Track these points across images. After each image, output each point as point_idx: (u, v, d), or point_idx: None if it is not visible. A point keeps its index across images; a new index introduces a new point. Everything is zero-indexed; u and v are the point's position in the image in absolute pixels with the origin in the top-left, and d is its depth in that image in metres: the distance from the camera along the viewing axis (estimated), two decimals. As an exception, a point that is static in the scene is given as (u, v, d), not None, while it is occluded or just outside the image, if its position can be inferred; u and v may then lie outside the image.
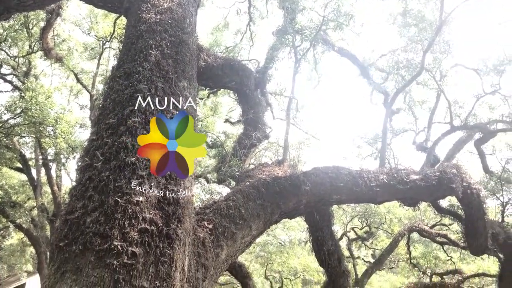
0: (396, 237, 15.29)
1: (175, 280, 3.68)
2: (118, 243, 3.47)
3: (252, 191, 6.03)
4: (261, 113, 8.96)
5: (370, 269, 14.77)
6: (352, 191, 6.78)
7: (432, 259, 18.37)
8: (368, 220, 17.74)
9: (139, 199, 3.71)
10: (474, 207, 8.06)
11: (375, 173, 7.04)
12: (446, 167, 7.51)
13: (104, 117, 4.43)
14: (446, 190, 7.33)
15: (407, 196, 7.39)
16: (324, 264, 9.05)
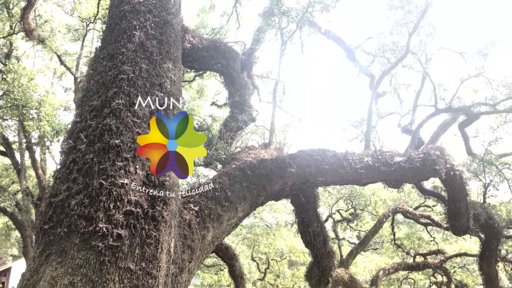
0: (381, 218, 15.50)
1: (161, 262, 3.70)
2: (103, 225, 3.47)
3: (238, 174, 6.04)
4: (247, 96, 8.93)
5: (355, 250, 14.98)
6: (337, 173, 6.84)
7: (415, 240, 18.71)
8: (353, 202, 17.94)
9: (124, 182, 3.70)
10: (457, 188, 8.19)
11: (360, 155, 7.09)
12: (430, 149, 7.60)
13: (88, 99, 4.38)
14: (429, 172, 7.44)
15: (391, 177, 7.48)
16: (309, 245, 9.17)
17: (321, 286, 10.25)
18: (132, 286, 3.39)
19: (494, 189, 11.46)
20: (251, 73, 9.97)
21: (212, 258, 19.87)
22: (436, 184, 10.85)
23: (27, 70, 13.42)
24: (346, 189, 17.19)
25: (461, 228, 9.01)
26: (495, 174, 11.57)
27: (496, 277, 11.85)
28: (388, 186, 8.24)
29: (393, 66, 9.93)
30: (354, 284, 13.06)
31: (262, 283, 20.52)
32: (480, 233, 11.36)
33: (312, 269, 9.93)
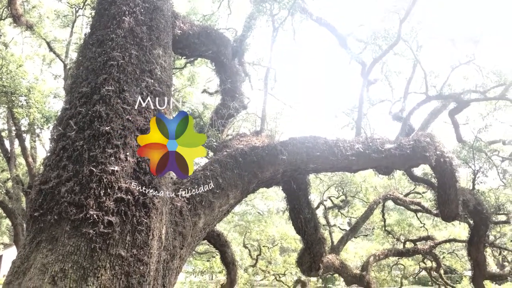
0: (371, 205, 15.61)
1: (153, 248, 3.71)
2: (94, 212, 3.46)
3: (230, 161, 6.05)
4: (238, 83, 8.89)
5: (345, 236, 15.09)
6: (328, 160, 6.86)
7: (405, 226, 18.91)
8: (344, 189, 18.05)
9: (115, 169, 3.69)
10: (446, 175, 8.26)
11: (351, 142, 7.12)
12: (421, 136, 7.65)
13: (77, 85, 4.33)
14: (420, 159, 7.49)
15: (382, 164, 7.52)
16: (301, 231, 9.24)
17: (312, 272, 10.36)
18: (123, 272, 3.40)
19: (483, 176, 11.59)
20: (242, 60, 9.92)
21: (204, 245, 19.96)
22: (426, 171, 10.94)
23: (16, 57, 13.25)
24: (337, 176, 17.28)
25: (451, 214, 9.11)
26: (484, 161, 11.69)
27: (484, 262, 12.03)
28: (378, 173, 8.28)
29: (384, 53, 9.93)
30: (344, 270, 13.19)
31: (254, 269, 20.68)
32: (469, 219, 11.49)
33: (304, 255, 10.02)
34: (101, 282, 3.25)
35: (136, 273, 3.47)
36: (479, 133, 11.77)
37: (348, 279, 14.00)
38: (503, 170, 12.90)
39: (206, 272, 19.61)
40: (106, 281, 3.27)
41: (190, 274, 19.64)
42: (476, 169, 11.22)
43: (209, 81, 15.57)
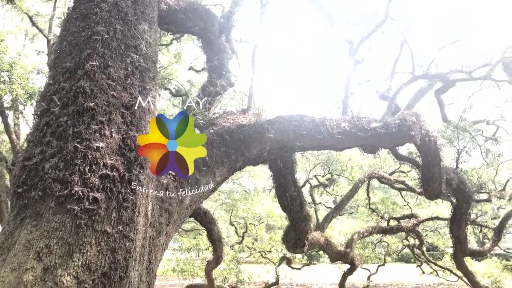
0: (356, 183, 15.78)
1: (138, 225, 3.71)
2: (79, 188, 3.44)
3: (216, 139, 6.05)
4: (226, 60, 8.81)
5: (330, 214, 15.27)
6: (314, 138, 6.89)
7: (390, 205, 19.19)
8: (330, 167, 18.18)
9: (99, 145, 3.66)
10: (431, 154, 8.37)
11: (337, 121, 7.15)
12: (406, 115, 7.70)
13: (61, 60, 4.25)
14: (405, 137, 7.56)
15: (368, 143, 7.59)
16: (286, 209, 9.32)
17: (297, 249, 10.50)
18: (109, 248, 3.40)
19: (467, 155, 11.76)
20: (229, 37, 9.79)
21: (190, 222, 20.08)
22: (411, 150, 11.06)
23: (-3, 31, 12.92)
24: (324, 155, 17.39)
25: (434, 193, 9.25)
26: (468, 141, 11.84)
27: (465, 239, 12.31)
28: (364, 151, 8.35)
29: (372, 31, 9.90)
30: (329, 247, 13.40)
31: (240, 246, 20.87)
32: (452, 197, 11.69)
33: (289, 233, 10.14)
34: (86, 258, 3.25)
35: (122, 249, 3.48)
36: (463, 113, 11.90)
37: (333, 256, 14.23)
38: (486, 150, 13.11)
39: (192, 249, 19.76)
40: (92, 257, 3.28)
41: (176, 251, 19.77)
42: (460, 148, 11.36)
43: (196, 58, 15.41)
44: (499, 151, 13.47)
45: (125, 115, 3.97)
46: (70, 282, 3.12)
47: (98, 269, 3.29)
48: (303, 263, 23.49)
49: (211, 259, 14.74)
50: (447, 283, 20.86)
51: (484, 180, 13.52)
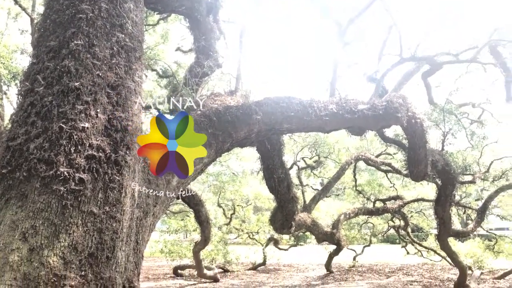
0: (343, 166, 15.90)
1: (125, 206, 3.70)
2: (65, 169, 3.41)
3: (204, 120, 6.03)
4: (213, 41, 8.71)
5: (317, 196, 15.42)
6: (302, 120, 6.90)
7: (376, 186, 19.40)
8: (317, 150, 18.25)
9: (85, 126, 3.62)
10: (417, 136, 8.44)
11: (325, 103, 7.16)
12: (393, 97, 7.74)
13: (44, 39, 4.16)
14: (392, 120, 7.61)
15: (355, 125, 7.62)
16: (274, 191, 9.39)
17: (284, 230, 10.62)
18: (96, 229, 3.40)
19: (453, 137, 11.89)
20: (217, 17, 9.67)
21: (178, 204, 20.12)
22: (398, 132, 11.14)
23: (-22, 9, 12.60)
24: (311, 137, 17.44)
25: (420, 174, 9.36)
26: (454, 123, 11.95)
27: (449, 220, 12.53)
28: (351, 133, 8.39)
29: (360, 12, 9.85)
30: (316, 228, 13.56)
31: (227, 227, 21.02)
32: (437, 179, 11.85)
33: (276, 214, 10.23)
34: (73, 238, 3.25)
35: (109, 230, 3.48)
36: (450, 96, 11.97)
37: (319, 237, 14.42)
38: (471, 132, 13.26)
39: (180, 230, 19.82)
40: (78, 238, 3.27)
41: (164, 232, 19.83)
42: (446, 130, 11.47)
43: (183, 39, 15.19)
44: (483, 133, 13.64)
45: (111, 95, 3.92)
46: (57, 263, 3.12)
47: (84, 249, 3.29)
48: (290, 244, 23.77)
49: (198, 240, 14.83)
50: (431, 263, 21.26)
51: (469, 162, 13.72)
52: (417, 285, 15.00)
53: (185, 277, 18.03)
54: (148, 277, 17.98)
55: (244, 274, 19.41)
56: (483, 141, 13.79)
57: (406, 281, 16.30)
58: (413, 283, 15.43)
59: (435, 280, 16.40)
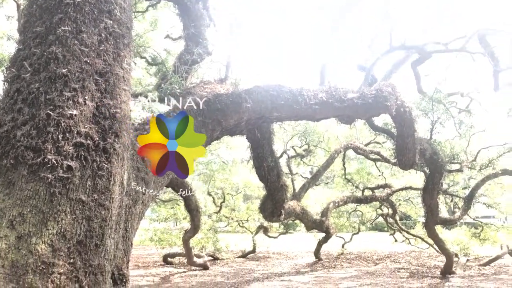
0: (333, 154, 15.99)
1: (114, 193, 3.69)
2: (52, 156, 3.38)
3: (193, 108, 6.00)
4: (203, 28, 8.65)
5: (307, 184, 15.51)
6: (292, 108, 6.91)
7: (365, 175, 19.56)
8: (307, 138, 18.31)
9: (73, 113, 3.58)
10: (406, 124, 8.51)
11: (314, 91, 7.17)
12: (383, 86, 7.77)
13: (31, 25, 4.09)
14: (381, 108, 7.65)
15: (344, 113, 7.65)
16: (264, 179, 9.43)
17: (274, 218, 10.69)
18: (84, 217, 3.38)
19: (441, 126, 12.00)
20: (207, 4, 9.60)
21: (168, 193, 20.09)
22: (387, 121, 11.21)
23: (-38, -6, 12.33)
24: (301, 126, 17.48)
25: (408, 163, 9.46)
26: (443, 112, 12.06)
27: (437, 208, 12.70)
28: (341, 122, 8.43)
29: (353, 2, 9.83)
30: (305, 216, 13.65)
31: (217, 216, 21.08)
32: (425, 167, 11.98)
33: (266, 202, 10.28)
34: (61, 226, 3.23)
35: (98, 218, 3.47)
36: (438, 85, 12.05)
37: (308, 225, 14.54)
38: (459, 121, 13.38)
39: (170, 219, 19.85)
40: (66, 225, 3.26)
41: (154, 221, 19.84)
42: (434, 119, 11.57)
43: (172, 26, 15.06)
44: (471, 122, 13.78)
45: (99, 82, 3.88)
46: (45, 250, 3.10)
47: (73, 237, 3.28)
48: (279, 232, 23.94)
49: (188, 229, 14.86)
50: (418, 251, 21.56)
51: (457, 151, 13.88)
52: (404, 272, 15.22)
53: (175, 265, 18.09)
54: (138, 265, 18.02)
55: (234, 261, 19.52)
56: (470, 130, 13.95)
57: (394, 268, 16.52)
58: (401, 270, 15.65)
59: (422, 267, 16.64)
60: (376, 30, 11.72)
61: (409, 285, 11.97)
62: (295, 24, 66.95)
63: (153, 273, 15.54)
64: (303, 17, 57.41)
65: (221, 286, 12.33)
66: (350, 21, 12.78)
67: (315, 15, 14.29)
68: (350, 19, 12.76)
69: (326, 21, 10.53)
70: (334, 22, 9.78)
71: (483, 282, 12.57)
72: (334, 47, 11.86)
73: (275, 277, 14.31)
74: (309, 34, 61.26)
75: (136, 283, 12.80)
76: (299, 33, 66.72)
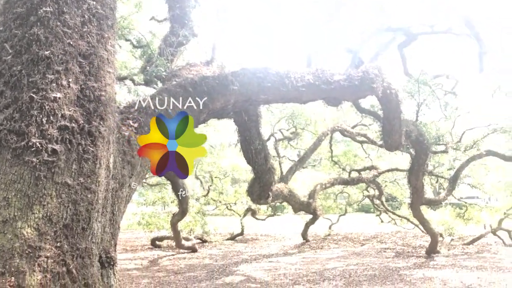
0: (320, 137, 16.06)
1: (100, 177, 3.67)
2: (37, 140, 3.34)
3: (179, 90, 5.95)
4: (188, 9, 8.54)
5: (294, 167, 15.59)
6: (279, 91, 6.90)
7: (351, 157, 19.72)
8: (294, 121, 18.34)
9: (57, 96, 3.52)
10: (392, 106, 8.56)
11: (301, 73, 7.15)
12: (369, 67, 7.78)
13: (11, 5, 3.99)
14: (367, 90, 7.67)
15: (331, 96, 7.66)
16: (251, 162, 9.45)
17: (261, 200, 10.74)
18: (70, 200, 3.36)
19: (427, 108, 12.10)
20: (192, -15, 9.46)
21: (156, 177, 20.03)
22: (373, 103, 11.26)
23: None
24: (288, 109, 17.49)
25: (394, 144, 9.54)
26: (428, 94, 12.15)
27: (422, 189, 12.88)
28: (328, 104, 8.44)
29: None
30: (293, 198, 13.75)
31: (205, 199, 21.13)
32: (411, 149, 12.11)
33: (254, 185, 10.31)
34: (47, 210, 3.21)
35: (84, 201, 3.45)
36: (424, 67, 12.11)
37: (296, 207, 14.65)
38: (445, 103, 13.50)
39: (158, 202, 19.85)
40: (52, 209, 3.24)
41: (141, 204, 19.82)
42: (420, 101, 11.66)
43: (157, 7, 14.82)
44: (457, 104, 13.91)
45: (82, 64, 3.82)
46: (31, 234, 3.09)
47: (59, 220, 3.26)
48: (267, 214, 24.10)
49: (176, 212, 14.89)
50: (404, 231, 21.92)
51: (442, 133, 14.04)
52: (390, 252, 15.48)
53: (163, 248, 18.16)
54: (126, 248, 18.05)
55: (222, 244, 19.66)
56: (456, 111, 14.09)
57: (380, 248, 16.79)
58: (387, 250, 15.92)
59: (407, 247, 16.94)
60: (370, 22, 11.62)
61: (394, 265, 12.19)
62: (287, 13, 66.39)
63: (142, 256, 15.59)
64: (296, 8, 56.90)
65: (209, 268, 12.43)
66: (344, 14, 12.63)
67: (309, 8, 14.24)
68: (344, 12, 12.61)
69: (320, 14, 10.45)
70: (329, 15, 9.71)
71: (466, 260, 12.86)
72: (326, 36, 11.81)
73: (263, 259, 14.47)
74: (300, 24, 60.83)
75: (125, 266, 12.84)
76: (291, 22, 66.25)
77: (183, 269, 12.44)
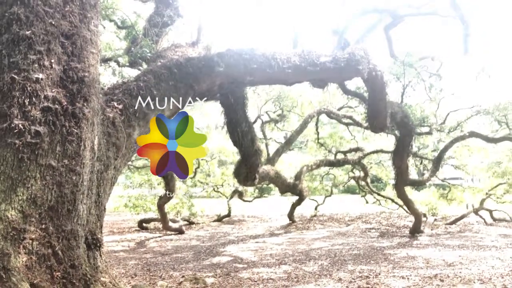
0: (306, 119, 16.10)
1: (85, 159, 3.65)
2: (19, 122, 3.31)
3: (164, 72, 5.89)
4: (172, -11, 8.41)
5: (281, 149, 15.65)
6: (265, 72, 6.87)
7: (337, 139, 19.82)
8: (281, 103, 18.32)
9: (39, 76, 3.48)
10: (377, 88, 8.59)
11: (287, 55, 7.12)
12: (355, 49, 7.78)
13: (-11, -17, 3.90)
14: (353, 72, 7.68)
15: (317, 77, 7.67)
16: (238, 144, 9.43)
17: (248, 182, 10.78)
18: (55, 182, 3.35)
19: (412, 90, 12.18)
20: (177, -36, 9.30)
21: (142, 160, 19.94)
22: (359, 85, 11.30)
23: None
24: (275, 91, 17.44)
25: (379, 126, 9.61)
26: (414, 76, 12.21)
27: (406, 170, 13.04)
28: (314, 86, 8.44)
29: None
30: (279, 179, 13.83)
31: (192, 181, 21.12)
32: (395, 130, 12.21)
33: (240, 167, 10.33)
34: (31, 192, 3.19)
35: (69, 183, 3.44)
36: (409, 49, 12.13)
37: (282, 188, 14.75)
38: (430, 85, 13.58)
39: (144, 185, 19.78)
40: (37, 191, 3.22)
41: (128, 187, 19.73)
42: (405, 83, 11.72)
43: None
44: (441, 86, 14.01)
45: (65, 45, 3.76)
46: (15, 216, 3.08)
47: (44, 203, 3.25)
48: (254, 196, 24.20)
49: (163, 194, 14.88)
50: (388, 212, 22.22)
51: (427, 115, 14.17)
52: (375, 232, 15.71)
53: (150, 230, 18.17)
54: (113, 231, 18.03)
55: (209, 225, 19.74)
56: (440, 93, 14.20)
57: (365, 228, 17.03)
58: (371, 230, 16.15)
59: (392, 227, 17.20)
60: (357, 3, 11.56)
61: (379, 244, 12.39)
62: (269, -14, 65.54)
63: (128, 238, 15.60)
64: (276, -20, 56.26)
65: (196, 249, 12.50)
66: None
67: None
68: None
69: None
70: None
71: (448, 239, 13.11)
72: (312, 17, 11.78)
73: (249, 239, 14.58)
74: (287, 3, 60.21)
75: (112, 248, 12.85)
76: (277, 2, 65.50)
77: (170, 250, 12.50)
